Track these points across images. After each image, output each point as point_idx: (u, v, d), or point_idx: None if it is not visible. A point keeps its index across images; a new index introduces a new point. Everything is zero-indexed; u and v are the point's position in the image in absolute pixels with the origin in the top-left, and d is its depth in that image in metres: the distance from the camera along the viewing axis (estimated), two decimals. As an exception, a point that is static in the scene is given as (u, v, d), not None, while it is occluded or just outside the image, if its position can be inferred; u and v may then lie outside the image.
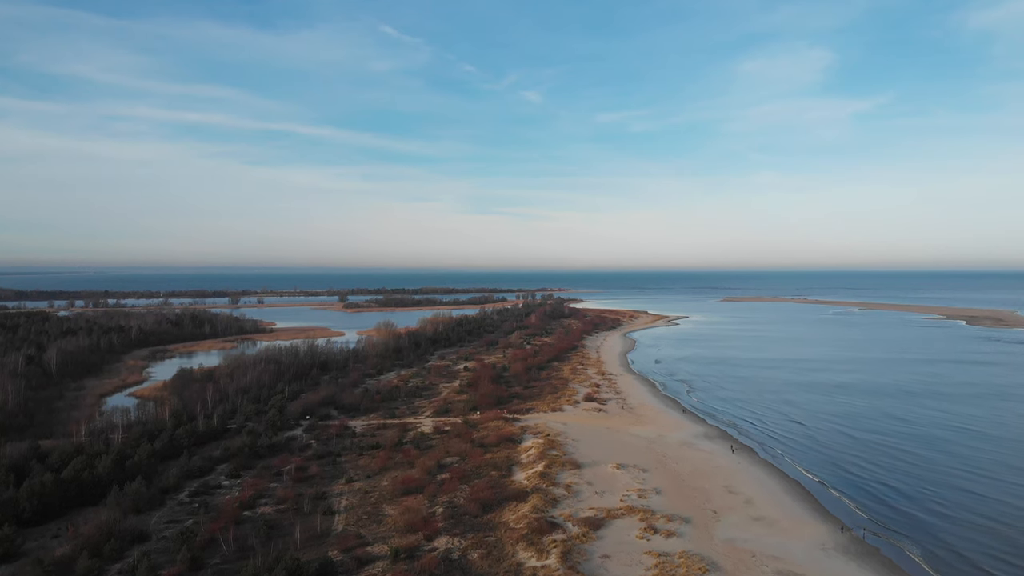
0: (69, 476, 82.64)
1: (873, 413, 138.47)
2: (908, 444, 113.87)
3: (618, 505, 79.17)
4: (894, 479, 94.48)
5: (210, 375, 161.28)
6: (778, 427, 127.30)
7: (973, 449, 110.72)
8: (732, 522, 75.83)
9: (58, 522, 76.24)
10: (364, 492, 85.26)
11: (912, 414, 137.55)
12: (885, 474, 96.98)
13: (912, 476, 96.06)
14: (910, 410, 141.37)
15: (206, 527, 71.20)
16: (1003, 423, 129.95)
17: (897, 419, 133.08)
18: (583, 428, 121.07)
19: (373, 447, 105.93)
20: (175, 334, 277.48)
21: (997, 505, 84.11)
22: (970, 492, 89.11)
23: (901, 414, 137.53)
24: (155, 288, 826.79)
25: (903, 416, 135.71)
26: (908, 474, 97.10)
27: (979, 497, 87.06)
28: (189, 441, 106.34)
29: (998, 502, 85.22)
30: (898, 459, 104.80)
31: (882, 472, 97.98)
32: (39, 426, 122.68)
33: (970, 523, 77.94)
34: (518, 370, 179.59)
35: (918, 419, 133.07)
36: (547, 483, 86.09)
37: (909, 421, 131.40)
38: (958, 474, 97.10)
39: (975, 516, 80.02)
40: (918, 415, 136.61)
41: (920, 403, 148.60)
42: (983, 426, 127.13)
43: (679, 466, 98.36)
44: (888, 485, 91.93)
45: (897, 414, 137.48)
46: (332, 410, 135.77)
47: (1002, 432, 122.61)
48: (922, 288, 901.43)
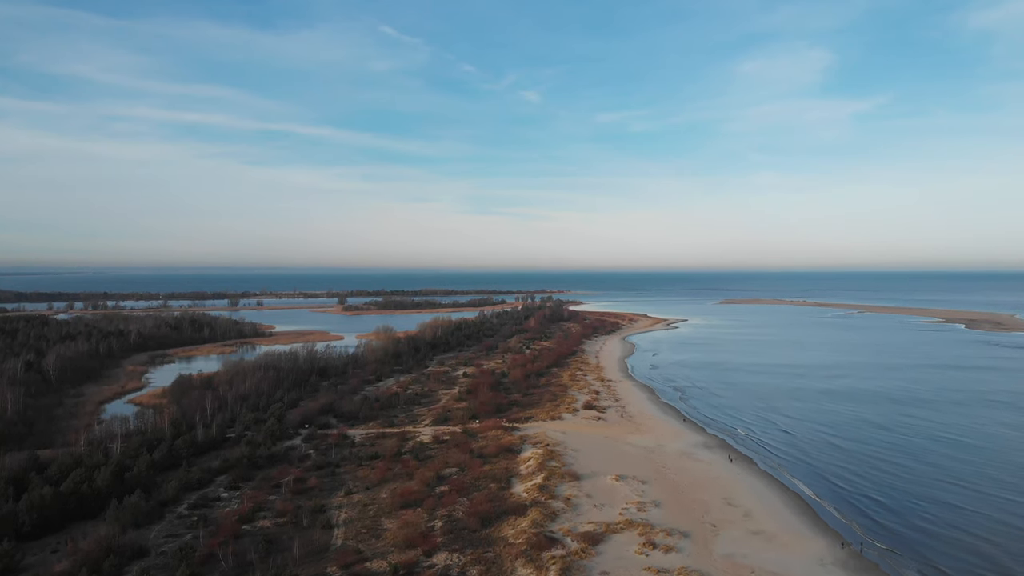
0: (68, 489, 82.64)
1: (871, 422, 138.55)
2: (905, 455, 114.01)
3: (617, 519, 79.19)
4: (890, 490, 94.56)
5: (209, 382, 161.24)
6: (776, 436, 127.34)
7: (961, 462, 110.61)
8: (731, 536, 75.88)
9: (57, 536, 76.29)
10: (363, 505, 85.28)
11: (912, 423, 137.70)
12: (881, 485, 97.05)
13: (912, 487, 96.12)
14: (910, 419, 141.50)
15: (205, 542, 71.27)
16: (991, 434, 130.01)
17: (892, 429, 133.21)
18: (582, 437, 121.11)
19: (372, 457, 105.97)
20: (174, 338, 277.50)
21: (994, 519, 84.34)
22: (967, 507, 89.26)
23: (898, 424, 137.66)
24: (154, 289, 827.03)
25: (901, 425, 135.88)
26: (907, 484, 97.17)
27: (980, 512, 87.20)
28: (188, 451, 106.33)
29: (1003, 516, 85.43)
30: (894, 470, 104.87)
31: (878, 482, 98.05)
32: (38, 435, 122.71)
33: (957, 540, 77.65)
34: (517, 376, 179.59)
35: (918, 429, 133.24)
36: (546, 496, 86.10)
37: (908, 430, 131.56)
38: (954, 487, 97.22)
39: (962, 532, 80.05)
40: (919, 424, 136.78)
41: (922, 412, 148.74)
42: (980, 439, 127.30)
43: (678, 477, 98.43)
44: (885, 497, 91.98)
45: (894, 424, 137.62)
46: (331, 418, 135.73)
47: (992, 444, 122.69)
48: (922, 289, 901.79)
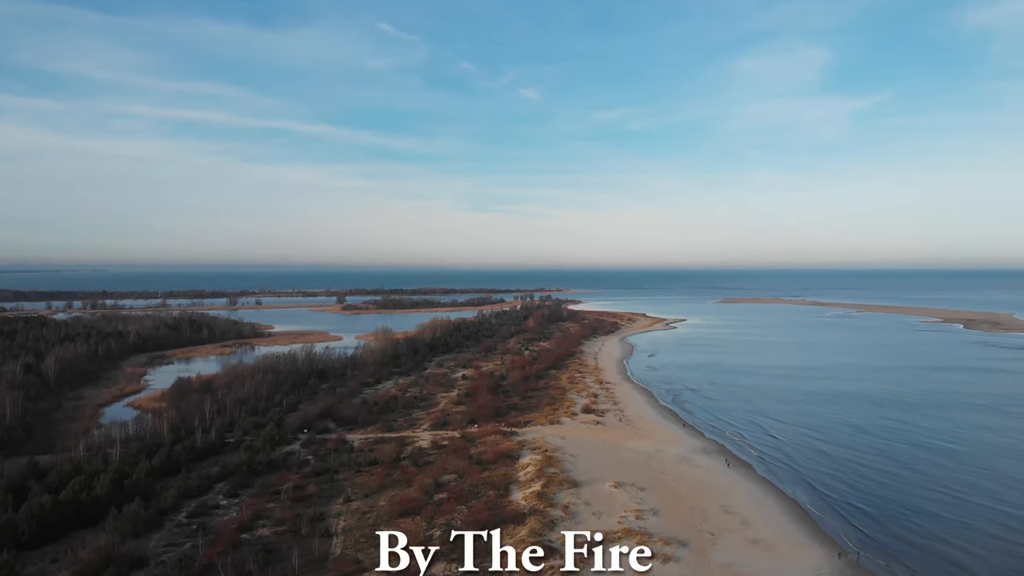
0: (68, 497, 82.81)
1: (870, 426, 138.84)
2: (903, 461, 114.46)
3: (616, 527, 79.38)
4: (893, 497, 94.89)
5: (208, 385, 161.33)
6: (773, 439, 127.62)
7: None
8: (729, 545, 76.12)
9: (57, 545, 76.37)
10: (362, 513, 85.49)
11: (912, 428, 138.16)
12: (885, 492, 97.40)
13: (910, 494, 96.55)
14: (909, 424, 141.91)
15: (204, 552, 71.42)
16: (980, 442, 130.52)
17: (888, 436, 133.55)
18: (581, 442, 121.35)
19: (371, 463, 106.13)
20: (173, 339, 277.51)
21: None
22: (966, 513, 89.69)
23: (900, 428, 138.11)
24: (153, 287, 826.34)
25: (900, 431, 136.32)
26: (907, 492, 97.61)
27: (985, 520, 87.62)
28: (187, 457, 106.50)
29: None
30: (893, 476, 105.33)
31: (881, 490, 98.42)
32: (37, 440, 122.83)
33: (941, 552, 78.15)
34: (516, 379, 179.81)
35: (918, 433, 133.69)
36: (545, 504, 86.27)
37: (907, 435, 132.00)
38: (951, 494, 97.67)
39: (962, 540, 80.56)
40: (919, 429, 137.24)
41: (922, 416, 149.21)
42: (976, 445, 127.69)
43: (676, 483, 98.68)
44: (885, 503, 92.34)
45: (895, 428, 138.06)
46: (330, 422, 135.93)
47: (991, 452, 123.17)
48: (920, 288, 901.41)
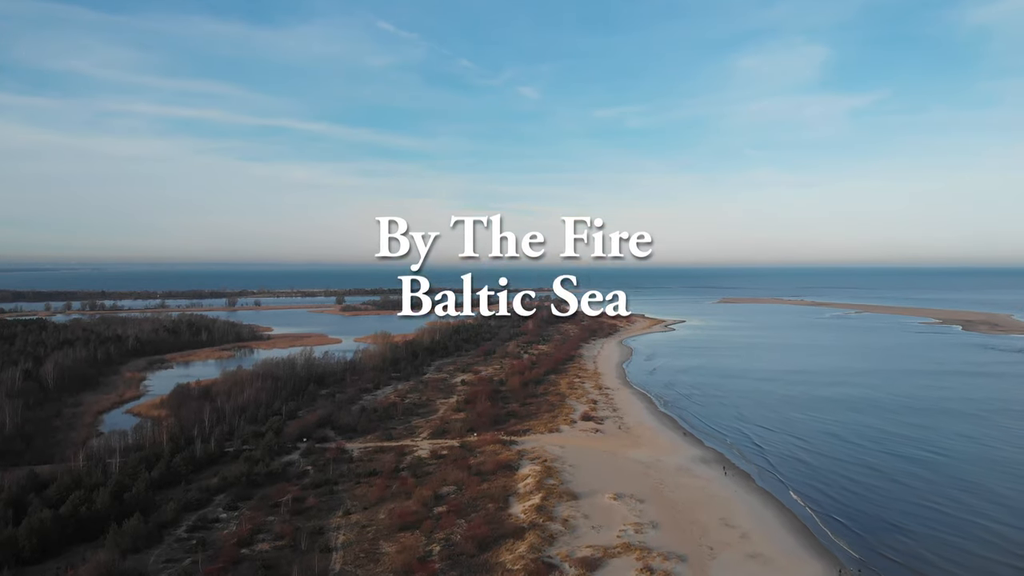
0: (68, 512, 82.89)
1: (865, 434, 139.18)
2: (901, 470, 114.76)
3: (615, 542, 79.64)
4: (891, 514, 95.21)
5: (207, 392, 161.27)
6: (771, 448, 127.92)
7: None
8: (728, 560, 76.37)
9: (57, 560, 76.49)
10: (361, 526, 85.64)
11: (909, 435, 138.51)
12: (883, 506, 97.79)
13: (908, 506, 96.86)
14: (907, 430, 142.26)
15: (204, 568, 71.55)
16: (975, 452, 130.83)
17: (883, 446, 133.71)
18: (580, 452, 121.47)
19: (370, 474, 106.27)
20: (172, 343, 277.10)
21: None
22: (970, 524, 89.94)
23: (894, 436, 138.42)
24: (152, 286, 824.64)
25: (897, 437, 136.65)
26: (903, 504, 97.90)
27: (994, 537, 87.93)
28: (187, 468, 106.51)
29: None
30: (889, 487, 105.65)
31: (879, 504, 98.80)
32: (36, 450, 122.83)
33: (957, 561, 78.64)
34: (515, 384, 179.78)
35: (916, 441, 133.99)
36: (544, 518, 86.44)
37: (905, 442, 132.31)
38: (949, 499, 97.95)
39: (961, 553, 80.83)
40: (916, 437, 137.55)
41: (922, 423, 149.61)
42: (976, 450, 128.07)
43: (676, 495, 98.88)
44: (885, 518, 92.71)
45: (890, 436, 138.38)
46: (329, 430, 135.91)
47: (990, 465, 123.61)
48: (920, 287, 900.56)
